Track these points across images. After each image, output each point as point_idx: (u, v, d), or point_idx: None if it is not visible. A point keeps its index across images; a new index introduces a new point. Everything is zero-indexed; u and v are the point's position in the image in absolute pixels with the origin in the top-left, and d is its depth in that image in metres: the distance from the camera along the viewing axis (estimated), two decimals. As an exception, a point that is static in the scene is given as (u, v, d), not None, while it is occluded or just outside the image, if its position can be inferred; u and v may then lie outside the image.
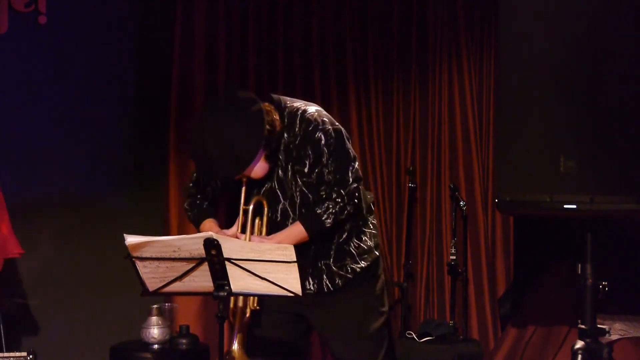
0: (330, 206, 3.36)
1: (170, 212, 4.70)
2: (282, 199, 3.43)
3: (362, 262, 3.50)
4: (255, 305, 3.30)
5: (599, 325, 3.03)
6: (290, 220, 3.42)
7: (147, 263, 2.88)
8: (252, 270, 2.87)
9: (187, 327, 4.37)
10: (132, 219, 4.74)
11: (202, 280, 2.91)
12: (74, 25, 4.75)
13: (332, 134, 3.36)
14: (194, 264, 2.87)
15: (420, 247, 4.91)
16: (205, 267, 2.87)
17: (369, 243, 3.52)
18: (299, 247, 3.32)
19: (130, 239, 2.84)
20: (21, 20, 4.61)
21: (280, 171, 3.40)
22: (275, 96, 3.43)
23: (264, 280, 2.89)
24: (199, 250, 2.83)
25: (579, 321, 3.04)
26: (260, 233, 3.37)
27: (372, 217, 3.55)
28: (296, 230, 3.36)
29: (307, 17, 4.84)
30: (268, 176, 3.40)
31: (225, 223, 4.70)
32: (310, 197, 3.39)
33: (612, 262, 3.78)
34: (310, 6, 4.85)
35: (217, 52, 4.75)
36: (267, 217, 3.39)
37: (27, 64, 4.64)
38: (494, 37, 4.80)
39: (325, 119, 3.39)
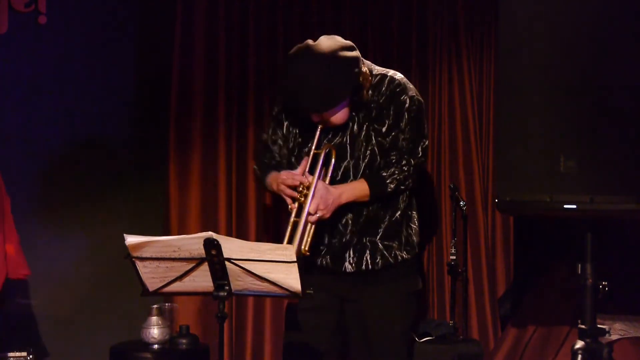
0: (396, 172, 3.41)
1: (170, 212, 4.69)
2: (348, 157, 3.46)
3: (405, 253, 3.54)
4: (306, 249, 3.31)
5: (599, 325, 3.03)
6: (350, 181, 3.46)
7: (147, 263, 2.89)
8: (252, 270, 2.87)
9: (187, 327, 4.37)
10: (132, 219, 4.75)
11: (202, 280, 2.92)
12: (74, 25, 4.74)
13: (417, 101, 3.45)
14: (194, 264, 2.88)
15: (420, 247, 4.90)
16: (205, 267, 2.87)
17: (414, 238, 3.58)
18: (355, 219, 3.40)
19: (130, 239, 2.84)
20: (21, 20, 4.61)
21: (355, 127, 3.44)
22: (365, 61, 3.49)
23: (264, 280, 2.90)
24: (199, 250, 2.83)
25: (579, 321, 3.04)
26: (324, 181, 3.41)
27: (416, 214, 3.61)
28: (360, 187, 3.41)
29: (307, 17, 4.84)
30: (341, 130, 3.43)
31: (226, 225, 4.71)
32: (379, 159, 3.43)
33: (612, 262, 3.78)
34: (310, 6, 4.84)
35: (217, 52, 4.75)
36: (333, 167, 3.41)
37: (27, 64, 4.64)
38: (494, 37, 4.80)
39: (412, 86, 3.48)
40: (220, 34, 4.75)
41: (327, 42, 3.34)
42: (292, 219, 3.34)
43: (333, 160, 3.41)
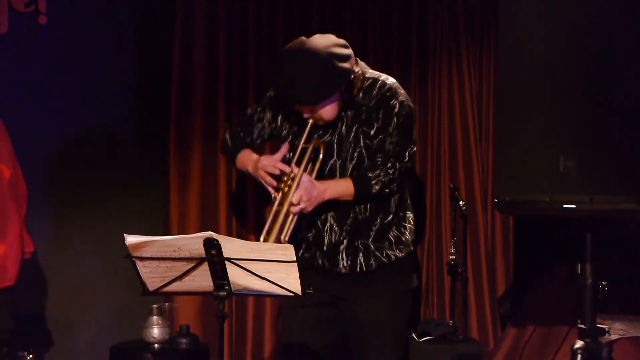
0: (382, 174, 3.41)
1: (170, 212, 4.70)
2: (335, 156, 3.47)
3: (399, 251, 3.52)
4: (286, 239, 3.33)
5: (598, 325, 3.03)
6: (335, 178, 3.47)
7: (147, 263, 2.88)
8: (252, 270, 2.87)
9: (187, 327, 4.37)
10: (132, 219, 4.75)
11: (202, 280, 2.91)
12: (74, 25, 4.75)
13: (406, 107, 3.45)
14: (194, 264, 2.87)
15: (420, 247, 4.91)
16: (205, 266, 2.87)
17: (407, 236, 3.56)
18: (341, 219, 3.40)
19: (130, 239, 2.84)
20: (21, 20, 4.61)
21: (344, 128, 3.45)
22: (359, 61, 3.51)
23: (264, 280, 2.90)
24: (199, 250, 2.83)
25: (579, 321, 3.04)
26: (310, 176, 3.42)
27: (411, 214, 3.60)
28: (345, 185, 3.42)
29: (307, 17, 4.84)
30: (330, 129, 3.45)
31: (226, 225, 4.72)
32: (367, 160, 3.44)
33: (612, 262, 3.78)
34: (310, 6, 4.85)
35: (217, 52, 4.75)
36: (320, 163, 3.43)
37: (27, 64, 4.64)
38: (494, 37, 4.80)
39: (403, 91, 3.48)
40: (220, 34, 4.75)
41: (321, 38, 3.37)
42: (274, 208, 3.35)
43: (321, 156, 3.43)
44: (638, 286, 4.36)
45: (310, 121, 3.39)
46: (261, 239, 3.31)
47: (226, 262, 2.85)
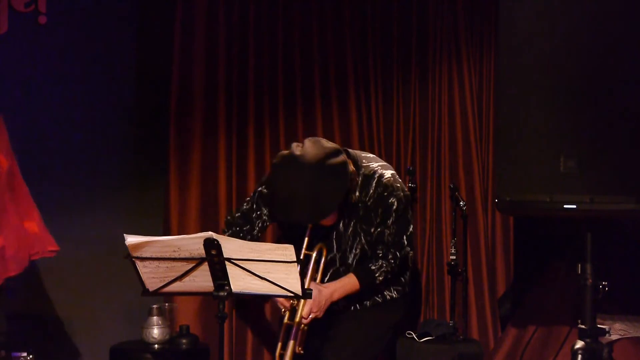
0: (384, 265, 3.51)
1: (170, 212, 4.69)
2: (335, 250, 3.55)
3: (395, 292, 3.66)
4: (300, 349, 3.40)
5: (599, 325, 3.04)
6: (333, 270, 3.56)
7: (147, 263, 2.89)
8: (252, 270, 2.87)
9: (187, 327, 4.37)
10: (132, 219, 4.74)
11: (202, 280, 2.92)
12: (74, 25, 4.74)
13: (403, 200, 3.51)
14: (194, 264, 2.88)
15: (420, 247, 4.91)
16: (205, 267, 2.87)
17: (407, 277, 3.69)
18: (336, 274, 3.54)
19: (130, 239, 2.84)
20: (21, 20, 4.61)
21: (341, 225, 3.51)
22: (351, 151, 3.53)
23: (264, 280, 2.90)
24: (199, 250, 2.83)
25: (579, 321, 3.04)
26: (315, 279, 3.48)
27: (411, 253, 3.67)
28: (350, 283, 3.50)
29: (307, 17, 4.84)
30: (329, 227, 3.50)
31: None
32: (369, 253, 3.52)
33: (612, 262, 3.78)
34: (310, 6, 4.84)
35: (217, 52, 4.74)
36: (323, 265, 3.50)
37: (27, 64, 4.64)
38: (494, 37, 4.80)
39: (399, 184, 3.52)
40: (220, 34, 4.75)
41: (313, 150, 3.32)
42: (285, 322, 3.42)
43: (323, 259, 3.49)
44: (638, 286, 4.36)
45: (309, 227, 3.42)
46: (277, 354, 3.38)
47: (226, 262, 2.85)
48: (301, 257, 3.40)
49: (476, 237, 4.84)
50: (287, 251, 2.87)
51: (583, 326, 3.03)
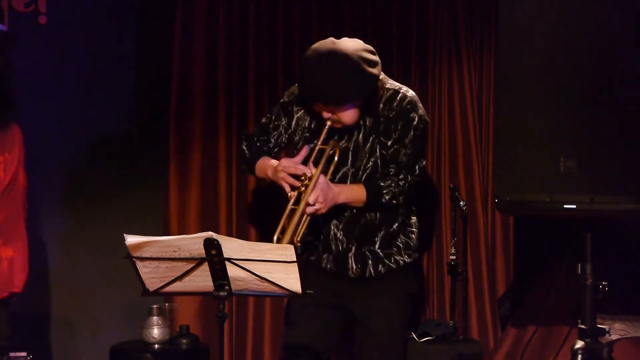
0: (393, 185, 3.44)
1: (170, 212, 4.70)
2: (349, 164, 3.49)
3: (407, 257, 3.57)
4: (298, 240, 3.30)
5: (599, 325, 3.03)
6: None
7: (147, 263, 2.88)
8: (252, 270, 2.87)
9: (187, 327, 4.37)
10: (132, 219, 4.75)
11: (202, 280, 2.91)
12: (74, 25, 4.75)
13: (424, 121, 3.48)
14: (194, 264, 2.87)
15: (420, 247, 4.90)
16: (205, 267, 2.87)
17: (415, 242, 3.61)
18: (348, 227, 3.47)
19: (130, 239, 2.84)
20: (21, 20, 4.61)
21: (361, 136, 3.46)
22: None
23: (264, 280, 2.89)
24: (199, 250, 2.83)
25: (579, 321, 3.04)
26: (325, 174, 3.41)
27: (415, 218, 3.63)
28: (358, 191, 3.43)
29: (307, 17, 4.84)
30: (347, 135, 3.46)
31: (226, 225, 4.71)
32: (380, 170, 3.46)
33: (612, 262, 3.78)
34: (310, 6, 4.84)
35: (217, 52, 4.75)
36: (334, 166, 3.43)
37: (27, 64, 4.63)
38: (494, 37, 4.80)
39: (421, 105, 3.50)
40: (220, 34, 4.75)
41: (351, 42, 3.36)
42: (289, 207, 3.34)
43: (336, 158, 3.43)
44: (638, 286, 4.36)
45: (328, 123, 3.39)
46: (274, 238, 3.28)
47: (226, 262, 2.85)
48: (315, 151, 3.39)
49: (476, 237, 4.84)
50: (287, 251, 2.86)
51: (583, 326, 3.03)
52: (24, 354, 3.57)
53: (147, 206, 4.84)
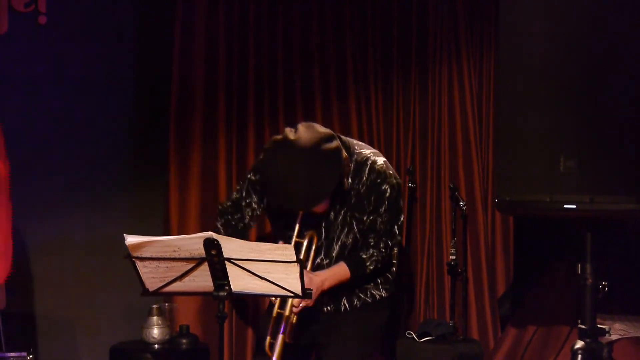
0: (375, 254, 3.47)
1: (170, 212, 4.70)
2: (322, 239, 3.49)
3: (384, 292, 3.60)
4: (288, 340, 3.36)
5: (599, 325, 3.03)
6: (320, 259, 3.49)
7: (147, 263, 2.89)
8: (252, 270, 2.87)
9: (187, 327, 4.37)
10: (132, 219, 4.74)
11: (202, 280, 2.92)
12: (74, 25, 4.75)
13: (396, 187, 3.46)
14: (194, 264, 2.88)
15: (420, 247, 4.91)
16: (205, 267, 2.87)
17: (393, 275, 3.63)
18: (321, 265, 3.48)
19: (130, 239, 2.84)
20: (21, 20, 4.61)
21: (332, 213, 3.45)
22: (343, 138, 3.48)
23: (264, 280, 2.90)
24: (199, 250, 2.83)
25: (579, 321, 3.04)
26: (306, 266, 3.42)
27: (397, 249, 3.64)
28: (341, 272, 3.44)
29: (307, 17, 4.84)
30: (320, 215, 3.45)
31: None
32: (360, 240, 3.48)
33: (612, 262, 3.78)
34: (310, 6, 4.84)
35: (217, 52, 4.74)
36: (314, 254, 3.44)
37: (27, 64, 4.64)
38: (494, 37, 4.80)
39: (391, 171, 3.48)
40: (220, 34, 4.75)
41: (307, 134, 3.25)
42: (275, 311, 3.37)
43: (314, 246, 3.44)
44: (638, 286, 4.36)
45: (301, 213, 3.35)
46: (266, 343, 3.34)
47: (226, 262, 2.85)
48: (292, 244, 3.34)
49: (476, 237, 4.84)
50: (287, 251, 2.87)
51: (583, 326, 3.02)
52: (24, 354, 3.56)
53: (147, 206, 4.84)
